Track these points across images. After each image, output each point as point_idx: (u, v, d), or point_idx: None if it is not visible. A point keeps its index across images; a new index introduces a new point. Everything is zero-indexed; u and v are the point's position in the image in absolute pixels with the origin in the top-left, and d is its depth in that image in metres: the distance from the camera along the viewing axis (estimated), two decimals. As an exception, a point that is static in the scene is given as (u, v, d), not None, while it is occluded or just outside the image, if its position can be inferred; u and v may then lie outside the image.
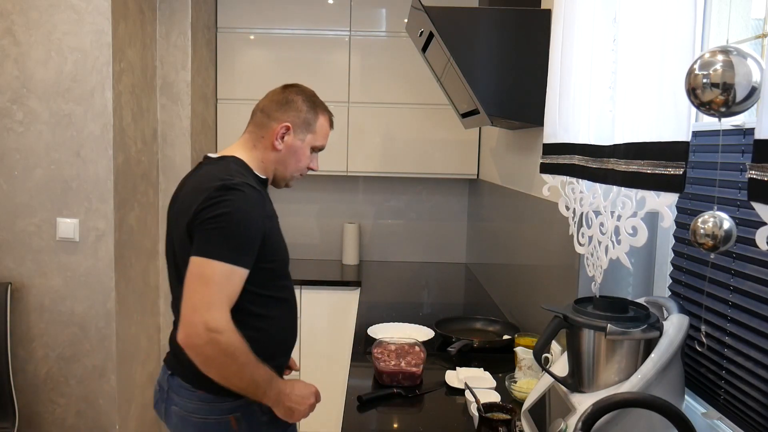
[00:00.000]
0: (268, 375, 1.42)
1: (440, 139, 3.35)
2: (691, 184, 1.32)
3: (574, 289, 1.65)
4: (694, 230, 0.87)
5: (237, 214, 1.38)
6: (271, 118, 1.57)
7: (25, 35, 2.37)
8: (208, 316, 1.32)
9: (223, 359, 1.34)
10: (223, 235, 1.36)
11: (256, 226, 1.41)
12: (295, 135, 1.57)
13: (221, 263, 1.35)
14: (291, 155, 1.58)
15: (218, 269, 1.35)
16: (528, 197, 2.24)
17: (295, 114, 1.57)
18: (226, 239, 1.36)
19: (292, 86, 1.64)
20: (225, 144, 3.33)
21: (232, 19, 3.27)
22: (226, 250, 1.35)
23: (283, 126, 1.55)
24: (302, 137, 1.58)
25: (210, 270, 1.34)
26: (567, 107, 1.46)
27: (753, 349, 1.11)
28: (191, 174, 1.60)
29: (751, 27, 1.23)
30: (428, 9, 1.86)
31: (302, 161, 1.60)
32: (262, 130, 1.58)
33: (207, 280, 1.34)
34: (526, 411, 1.40)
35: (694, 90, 0.81)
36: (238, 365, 1.36)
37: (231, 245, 1.36)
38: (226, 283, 1.35)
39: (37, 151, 2.41)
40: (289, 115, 1.57)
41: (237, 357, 1.35)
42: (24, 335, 2.47)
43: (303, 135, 1.58)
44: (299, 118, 1.57)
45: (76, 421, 2.51)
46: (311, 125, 1.59)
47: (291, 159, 1.59)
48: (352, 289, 3.10)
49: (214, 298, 1.34)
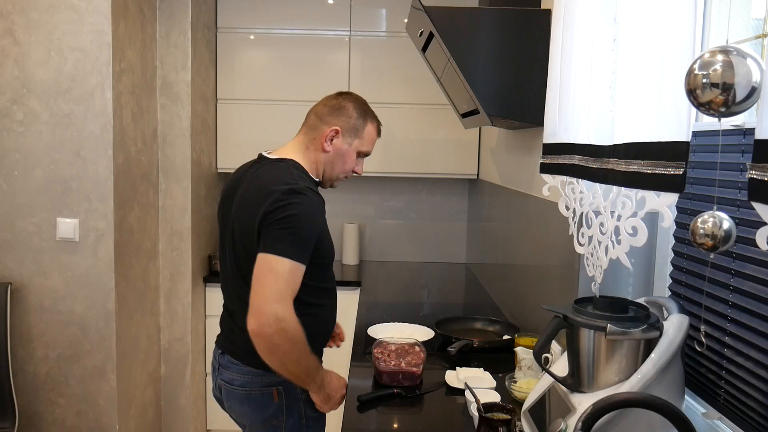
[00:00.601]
0: (316, 363, 1.59)
1: (440, 139, 3.35)
2: (691, 184, 1.32)
3: (574, 289, 1.65)
4: (694, 230, 0.87)
5: (304, 217, 1.52)
6: (323, 122, 1.70)
7: (25, 35, 2.38)
8: (278, 307, 1.46)
9: (288, 347, 1.48)
10: (291, 235, 1.51)
11: (316, 227, 1.56)
12: (344, 139, 1.70)
13: (289, 260, 1.49)
14: (338, 157, 1.71)
15: (287, 266, 1.49)
16: (528, 197, 2.24)
17: (345, 119, 1.70)
18: (293, 239, 1.51)
19: (346, 94, 1.77)
20: (225, 144, 3.33)
21: (232, 19, 3.27)
22: (293, 248, 1.50)
23: (332, 129, 1.68)
24: (350, 141, 1.71)
25: (281, 266, 1.49)
26: (567, 107, 1.46)
27: (753, 349, 1.11)
28: (247, 171, 1.71)
29: (751, 27, 1.23)
30: (428, 9, 1.86)
31: (348, 164, 1.73)
32: (314, 132, 1.71)
33: (277, 275, 1.48)
34: (526, 411, 1.40)
35: (694, 90, 0.81)
36: (298, 353, 1.51)
37: (297, 244, 1.51)
38: (291, 277, 1.50)
39: (37, 151, 2.41)
40: (339, 119, 1.70)
41: (299, 345, 1.50)
42: (24, 335, 2.47)
43: (351, 139, 1.71)
44: (348, 124, 1.70)
45: (76, 421, 2.51)
46: (359, 131, 1.72)
47: (338, 161, 1.71)
48: (352, 289, 3.10)
49: (282, 291, 1.48)
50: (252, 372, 1.64)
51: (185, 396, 3.04)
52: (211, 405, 3.27)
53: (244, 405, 1.68)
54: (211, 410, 3.28)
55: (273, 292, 1.47)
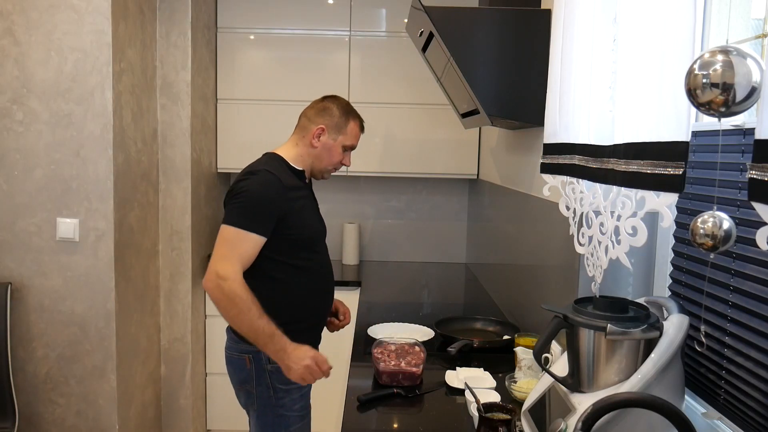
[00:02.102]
0: (270, 329, 1.71)
1: (440, 139, 3.35)
2: (691, 184, 1.32)
3: (574, 289, 1.65)
4: (694, 230, 0.87)
5: (251, 191, 1.76)
6: (311, 122, 1.93)
7: (25, 35, 2.37)
8: (219, 266, 1.70)
9: (226, 303, 1.70)
10: (239, 206, 1.75)
11: (269, 200, 1.76)
12: (329, 135, 1.91)
13: (234, 228, 1.74)
14: (325, 151, 1.92)
15: (231, 231, 1.74)
16: (528, 197, 2.24)
17: (329, 118, 1.92)
18: (239, 210, 1.75)
19: (331, 97, 1.99)
20: (225, 144, 3.34)
21: (232, 19, 3.27)
22: (239, 217, 1.74)
23: (319, 128, 1.90)
24: (334, 137, 1.92)
25: (225, 232, 1.74)
26: (567, 107, 1.46)
27: (753, 349, 1.11)
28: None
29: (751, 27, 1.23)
30: (428, 9, 1.86)
31: (334, 157, 1.93)
32: (304, 131, 1.94)
33: (223, 240, 1.74)
34: (526, 411, 1.40)
35: (693, 90, 0.81)
36: (237, 310, 1.70)
37: (243, 214, 1.74)
38: (237, 242, 1.73)
39: (37, 151, 2.41)
40: (324, 119, 1.92)
41: (237, 303, 1.69)
42: (24, 335, 2.47)
43: (335, 135, 1.92)
44: (332, 122, 1.91)
45: (76, 421, 2.51)
46: (342, 128, 1.92)
47: (325, 154, 1.92)
48: (352, 289, 3.10)
49: (226, 252, 1.72)
50: (232, 337, 1.89)
51: (185, 396, 3.04)
52: (211, 405, 3.27)
53: (228, 366, 1.93)
54: (211, 410, 3.28)
55: (217, 254, 1.73)
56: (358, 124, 1.97)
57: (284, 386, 1.84)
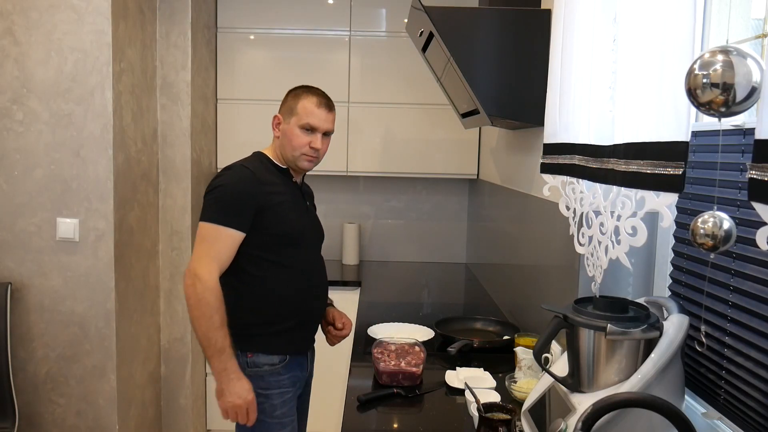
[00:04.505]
0: (222, 344, 1.68)
1: (440, 139, 3.35)
2: (691, 184, 1.32)
3: (574, 289, 1.65)
4: (694, 230, 0.87)
5: (226, 186, 1.74)
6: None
7: (25, 35, 2.37)
8: (196, 264, 1.67)
9: (194, 302, 1.66)
10: (214, 202, 1.73)
11: (244, 195, 1.73)
12: (285, 121, 1.86)
13: (210, 224, 1.71)
14: (285, 138, 1.86)
15: (207, 228, 1.71)
16: (528, 197, 2.23)
17: (282, 106, 1.90)
18: (215, 206, 1.72)
19: (294, 87, 1.92)
20: (225, 144, 3.33)
21: (232, 19, 3.27)
22: (214, 213, 1.71)
23: (275, 117, 1.89)
24: (288, 120, 1.85)
25: (202, 229, 1.72)
26: (567, 107, 1.46)
27: (753, 349, 1.11)
28: None
29: (751, 27, 1.23)
30: (428, 9, 1.86)
31: (294, 140, 1.84)
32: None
33: (201, 238, 1.71)
34: (526, 411, 1.40)
35: (694, 90, 0.81)
36: (199, 313, 1.66)
37: (219, 210, 1.71)
38: (214, 239, 1.70)
39: (37, 151, 2.41)
40: (280, 109, 1.90)
41: (201, 306, 1.66)
42: (24, 335, 2.47)
43: (289, 119, 1.85)
44: (284, 108, 1.88)
45: (76, 421, 2.51)
46: (293, 109, 1.85)
47: (285, 141, 1.86)
48: (352, 289, 3.10)
49: (203, 251, 1.69)
50: None
51: (185, 396, 3.04)
52: (211, 405, 3.27)
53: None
54: (211, 410, 3.28)
55: (195, 252, 1.70)
56: (311, 99, 1.84)
57: (263, 391, 1.78)
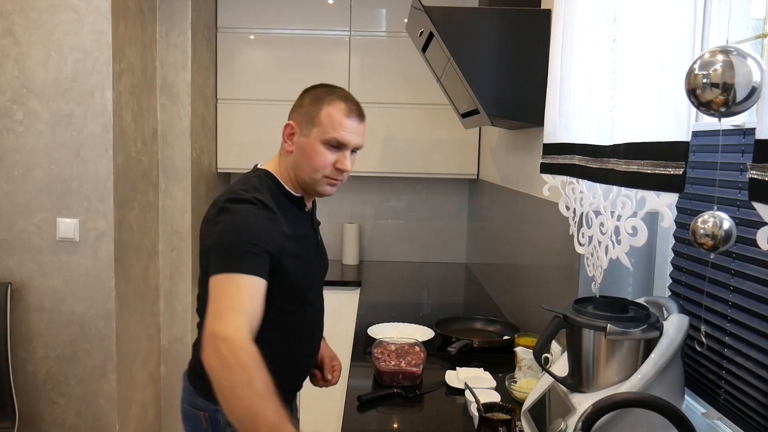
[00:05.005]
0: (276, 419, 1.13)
1: (440, 139, 3.35)
2: (691, 184, 1.32)
3: (574, 289, 1.65)
4: (694, 230, 0.87)
5: (237, 226, 1.32)
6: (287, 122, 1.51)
7: (25, 35, 2.37)
8: (214, 324, 1.21)
9: (219, 373, 1.16)
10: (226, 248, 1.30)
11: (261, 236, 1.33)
12: (301, 132, 1.46)
13: (224, 274, 1.28)
14: (303, 154, 1.45)
15: (221, 279, 1.27)
16: (528, 197, 2.23)
17: (297, 110, 1.48)
18: (227, 252, 1.29)
19: (312, 86, 1.53)
20: (225, 144, 3.33)
21: (232, 19, 3.27)
22: (228, 262, 1.28)
23: (287, 125, 1.48)
24: (307, 132, 1.45)
25: (216, 283, 1.28)
26: (567, 107, 1.46)
27: (753, 349, 1.11)
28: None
29: (751, 27, 1.23)
30: (428, 9, 1.86)
31: (314, 159, 1.44)
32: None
33: (215, 294, 1.27)
34: (526, 411, 1.40)
35: (694, 90, 0.81)
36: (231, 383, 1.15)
37: (232, 256, 1.29)
38: (234, 291, 1.26)
39: (37, 151, 2.41)
40: (293, 114, 1.49)
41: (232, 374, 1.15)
42: (24, 335, 2.47)
43: (308, 130, 1.45)
44: (301, 114, 1.47)
45: (76, 421, 2.51)
46: (314, 118, 1.44)
47: (302, 158, 1.46)
48: (352, 289, 3.10)
49: (221, 308, 1.24)
50: (187, 387, 1.52)
51: (185, 396, 3.04)
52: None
53: (182, 421, 1.55)
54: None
55: (211, 313, 1.24)
56: (338, 106, 1.45)
57: None
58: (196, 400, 1.48)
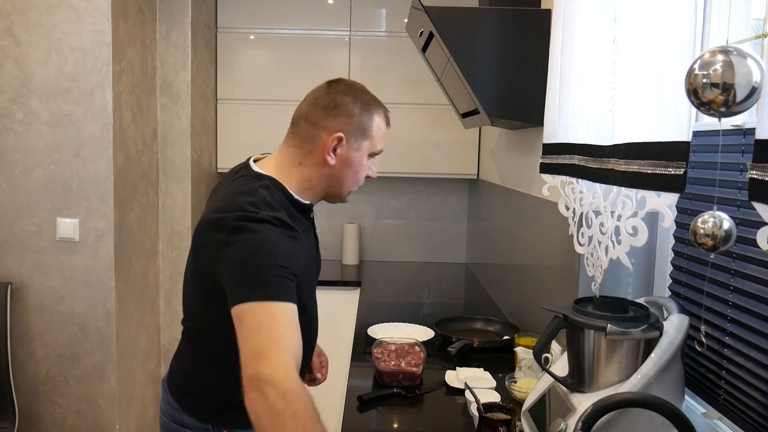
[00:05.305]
0: None
1: (440, 139, 3.35)
2: (691, 184, 1.32)
3: (574, 289, 1.65)
4: (694, 230, 0.87)
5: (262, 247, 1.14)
6: (318, 127, 1.30)
7: (25, 35, 2.37)
8: (258, 365, 1.04)
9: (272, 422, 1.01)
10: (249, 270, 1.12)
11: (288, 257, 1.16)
12: (349, 145, 1.30)
13: (258, 303, 1.10)
14: (347, 168, 1.32)
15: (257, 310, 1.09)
16: (528, 197, 2.23)
17: (346, 119, 1.30)
18: (254, 275, 1.12)
19: (338, 83, 1.35)
20: (225, 144, 3.33)
21: (232, 19, 3.27)
22: (258, 288, 1.11)
23: (335, 137, 1.28)
24: (358, 146, 1.31)
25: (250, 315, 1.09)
26: (567, 107, 1.46)
27: (753, 349, 1.11)
28: (226, 181, 1.38)
29: (751, 27, 1.23)
30: (428, 9, 1.86)
31: (360, 173, 1.34)
32: (309, 143, 1.30)
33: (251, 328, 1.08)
34: (526, 411, 1.40)
35: (694, 90, 0.81)
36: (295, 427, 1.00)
37: (262, 280, 1.11)
38: (273, 324, 1.09)
39: (37, 151, 2.41)
40: (339, 122, 1.29)
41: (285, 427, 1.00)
42: (24, 335, 2.47)
43: (359, 143, 1.31)
44: (352, 124, 1.30)
45: (76, 421, 2.51)
46: (366, 129, 1.32)
47: (347, 173, 1.32)
48: (352, 289, 3.10)
49: (262, 343, 1.06)
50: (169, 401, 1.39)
51: (185, 396, 3.04)
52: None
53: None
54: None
55: (249, 351, 1.06)
56: (384, 117, 1.37)
57: None
58: (182, 416, 1.35)
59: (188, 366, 1.37)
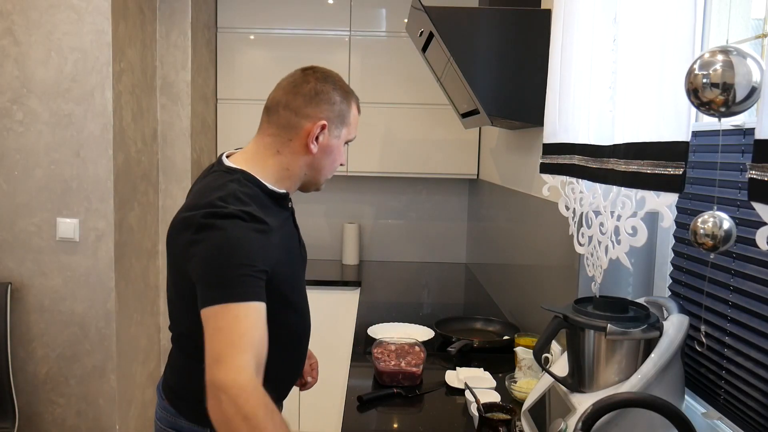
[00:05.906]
0: None
1: (440, 139, 3.35)
2: (691, 184, 1.32)
3: (574, 289, 1.65)
4: (694, 230, 0.87)
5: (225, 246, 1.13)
6: (300, 116, 1.30)
7: (25, 35, 2.38)
8: (214, 370, 1.06)
9: (226, 427, 1.03)
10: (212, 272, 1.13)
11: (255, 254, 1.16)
12: (331, 132, 1.32)
13: (220, 305, 1.10)
14: (326, 156, 1.33)
15: (218, 313, 1.10)
16: (528, 197, 2.23)
17: (328, 107, 1.31)
18: (217, 277, 1.12)
19: (314, 71, 1.37)
20: (225, 144, 3.32)
21: (232, 19, 3.27)
22: (221, 290, 1.11)
23: (319, 125, 1.29)
24: (338, 133, 1.33)
25: (211, 318, 1.10)
26: (567, 107, 1.46)
27: (753, 349, 1.11)
28: (200, 179, 1.37)
29: (751, 27, 1.23)
30: (428, 9, 1.86)
31: (338, 160, 1.37)
32: (289, 131, 1.30)
33: (212, 331, 1.09)
34: (526, 411, 1.40)
35: (694, 90, 0.81)
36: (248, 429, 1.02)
37: (225, 282, 1.11)
38: (233, 325, 1.08)
39: (37, 151, 2.41)
40: (321, 109, 1.31)
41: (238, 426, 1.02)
42: (24, 335, 2.47)
43: (338, 131, 1.33)
44: (333, 112, 1.32)
45: (76, 421, 2.51)
46: (346, 117, 1.34)
47: (326, 160, 1.34)
48: (352, 289, 3.10)
49: (220, 348, 1.07)
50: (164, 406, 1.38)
51: (185, 396, 3.04)
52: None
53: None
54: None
55: (208, 356, 1.07)
56: (357, 104, 1.41)
57: None
58: (179, 421, 1.34)
59: (181, 370, 1.36)
